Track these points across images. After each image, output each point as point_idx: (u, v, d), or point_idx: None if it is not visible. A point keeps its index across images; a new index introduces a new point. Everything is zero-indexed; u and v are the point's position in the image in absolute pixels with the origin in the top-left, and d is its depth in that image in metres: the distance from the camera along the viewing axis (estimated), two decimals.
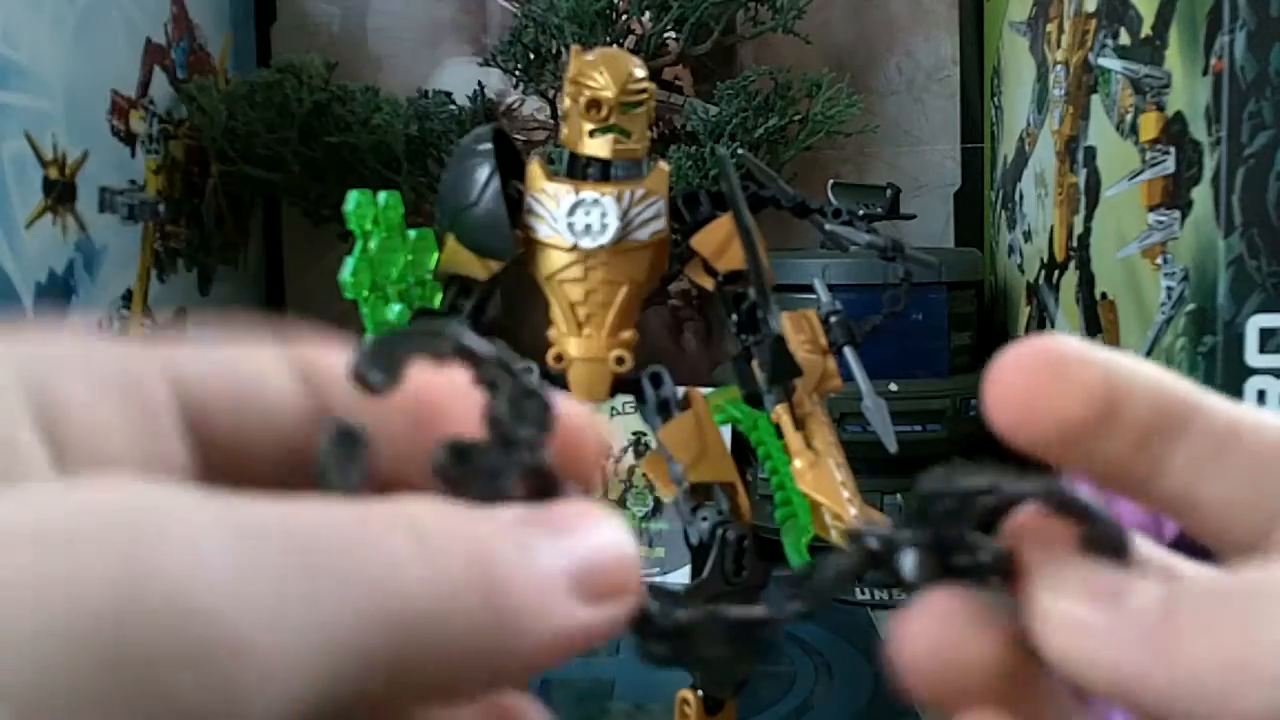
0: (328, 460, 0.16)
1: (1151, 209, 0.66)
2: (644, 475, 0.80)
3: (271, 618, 0.12)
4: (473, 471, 0.16)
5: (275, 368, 0.18)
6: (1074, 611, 0.17)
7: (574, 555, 0.15)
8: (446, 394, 0.18)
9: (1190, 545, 0.18)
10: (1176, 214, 0.63)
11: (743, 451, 0.58)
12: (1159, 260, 0.65)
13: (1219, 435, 0.17)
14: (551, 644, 0.15)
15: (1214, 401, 0.18)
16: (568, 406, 0.18)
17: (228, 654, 0.12)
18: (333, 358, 0.18)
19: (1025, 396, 0.17)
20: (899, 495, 0.81)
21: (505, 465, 0.16)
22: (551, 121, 1.04)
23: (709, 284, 0.51)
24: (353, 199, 0.50)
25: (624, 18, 0.97)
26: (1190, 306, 0.61)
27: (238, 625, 0.12)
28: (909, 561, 0.18)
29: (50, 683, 0.11)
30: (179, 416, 0.16)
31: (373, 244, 0.50)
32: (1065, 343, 0.18)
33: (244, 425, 0.17)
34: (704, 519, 0.49)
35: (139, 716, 0.11)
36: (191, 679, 0.12)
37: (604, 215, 0.47)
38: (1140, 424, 0.17)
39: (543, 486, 0.17)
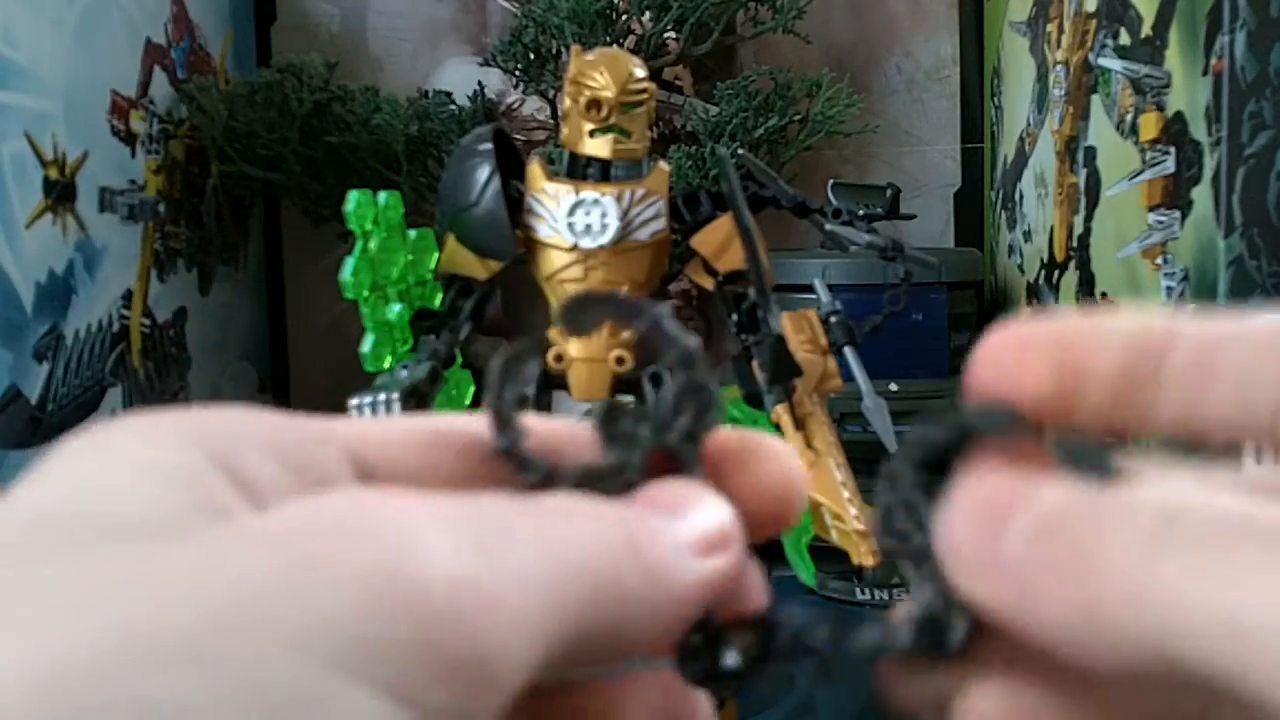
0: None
1: (1151, 209, 0.66)
2: None
3: (506, 579, 0.15)
4: (615, 434, 0.19)
5: (459, 428, 0.19)
6: (956, 532, 0.17)
7: (689, 531, 0.18)
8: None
9: None
10: (1176, 214, 0.63)
11: None
12: (1159, 260, 0.65)
13: (1205, 350, 0.17)
14: (686, 591, 0.17)
15: (1190, 324, 0.18)
16: (766, 442, 0.20)
17: (485, 609, 0.14)
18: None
19: (993, 387, 0.18)
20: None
21: (643, 441, 0.18)
22: (551, 121, 1.04)
23: (709, 284, 0.51)
24: (353, 199, 0.50)
25: (624, 18, 0.97)
26: (1190, 306, 0.61)
27: (488, 586, 0.14)
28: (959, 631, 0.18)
29: (364, 632, 0.13)
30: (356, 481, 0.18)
31: (373, 244, 0.50)
32: (1023, 328, 0.18)
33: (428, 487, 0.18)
34: None
35: (427, 660, 0.14)
36: (461, 632, 0.14)
37: (604, 215, 0.47)
38: (1113, 378, 0.18)
39: (669, 469, 0.18)
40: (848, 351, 0.53)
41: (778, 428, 0.49)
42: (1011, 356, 0.18)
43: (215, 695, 0.12)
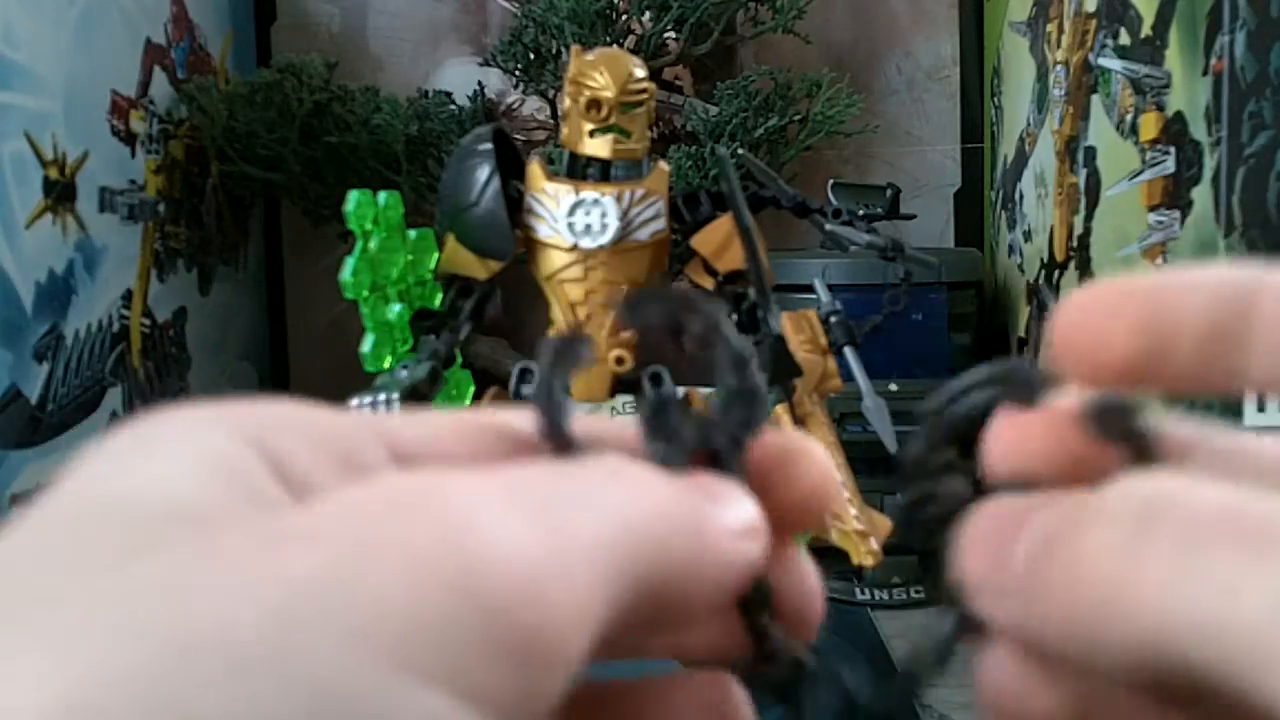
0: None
1: (1151, 209, 0.66)
2: None
3: (568, 546, 0.14)
4: (660, 428, 0.19)
5: (501, 423, 0.19)
6: (968, 566, 0.17)
7: (730, 514, 0.18)
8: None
9: None
10: (1176, 214, 0.63)
11: None
12: (1159, 260, 0.65)
13: None
14: (733, 566, 0.17)
15: (1277, 278, 0.17)
16: (806, 447, 0.20)
17: (549, 585, 0.14)
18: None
19: (1078, 346, 0.18)
20: (899, 495, 0.81)
21: (688, 440, 0.18)
22: (551, 121, 1.04)
23: (709, 284, 0.51)
24: (353, 199, 0.50)
25: (624, 18, 0.97)
26: None
27: (551, 558, 0.14)
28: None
29: (424, 621, 0.13)
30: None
31: (373, 244, 0.50)
32: (1105, 289, 0.18)
33: None
34: None
35: (490, 643, 0.13)
36: (524, 608, 0.13)
37: (604, 215, 0.47)
38: (1197, 338, 0.17)
39: (709, 467, 0.19)
40: (848, 351, 0.53)
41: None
42: (1095, 319, 0.18)
43: (268, 705, 0.12)
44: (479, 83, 1.03)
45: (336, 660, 0.12)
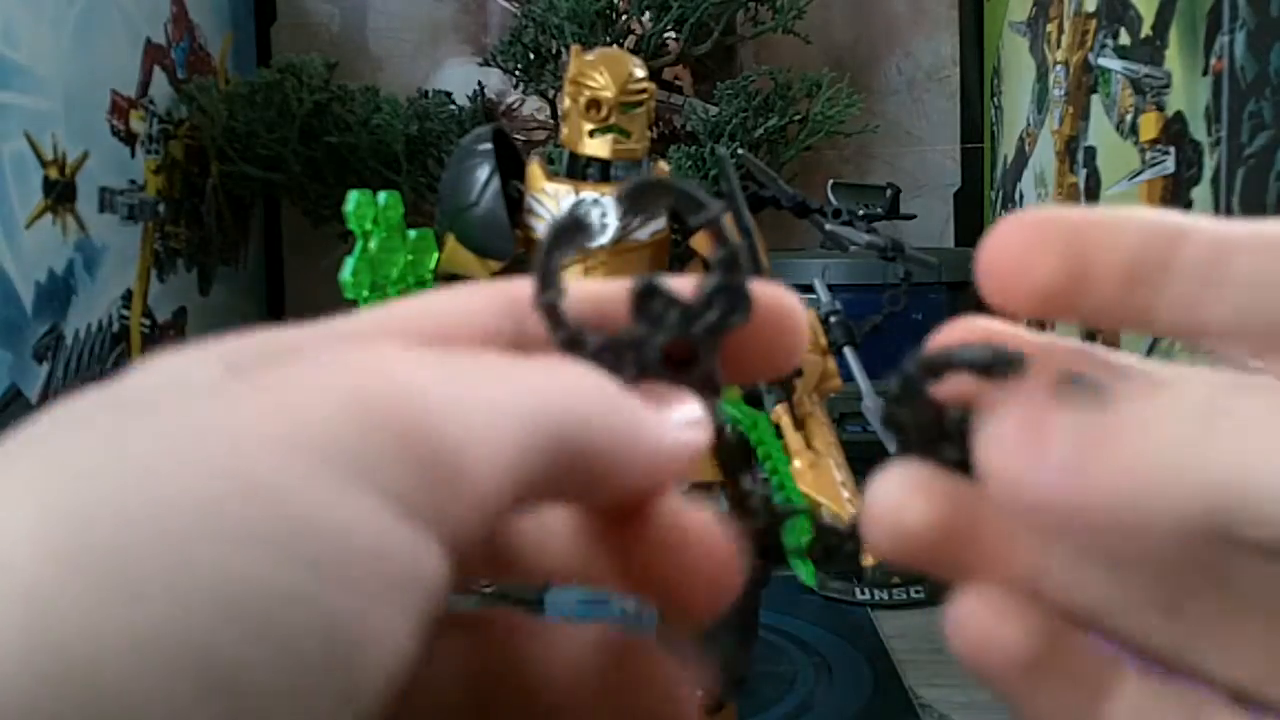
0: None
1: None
2: None
3: (480, 411, 0.16)
4: (646, 309, 0.19)
5: (472, 301, 0.20)
6: (1001, 452, 0.17)
7: (671, 409, 0.19)
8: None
9: None
10: None
11: None
12: None
13: (1210, 257, 0.17)
14: (662, 450, 0.18)
15: (1204, 225, 0.18)
16: (774, 295, 0.21)
17: (458, 420, 0.15)
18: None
19: (1001, 270, 0.18)
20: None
21: (668, 327, 0.19)
22: (551, 121, 1.04)
23: None
24: (353, 199, 0.50)
25: (624, 18, 0.97)
26: None
27: (465, 416, 0.15)
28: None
29: (350, 435, 0.14)
30: None
31: (373, 244, 0.50)
32: (1037, 214, 0.18)
33: None
34: None
35: (402, 452, 0.15)
36: (433, 429, 0.15)
37: (604, 215, 0.47)
38: (1117, 274, 0.18)
39: (683, 358, 0.19)
40: (848, 351, 0.53)
41: (778, 428, 0.49)
42: (1022, 241, 0.18)
43: (232, 507, 0.13)
44: (479, 83, 1.03)
45: (283, 468, 0.14)
